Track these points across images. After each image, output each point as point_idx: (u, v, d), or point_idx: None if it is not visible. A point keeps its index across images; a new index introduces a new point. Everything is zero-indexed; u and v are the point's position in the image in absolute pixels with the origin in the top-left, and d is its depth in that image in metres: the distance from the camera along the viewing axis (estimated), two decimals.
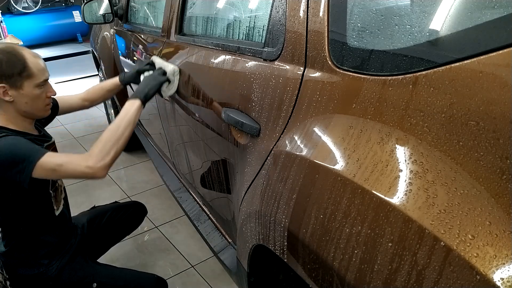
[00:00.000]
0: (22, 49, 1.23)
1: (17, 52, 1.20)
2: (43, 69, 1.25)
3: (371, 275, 0.60)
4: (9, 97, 1.20)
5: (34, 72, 1.21)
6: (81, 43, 8.54)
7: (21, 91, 1.21)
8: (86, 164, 1.16)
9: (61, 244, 1.40)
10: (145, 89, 1.33)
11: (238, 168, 1.14)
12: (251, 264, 1.07)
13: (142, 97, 1.31)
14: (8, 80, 1.18)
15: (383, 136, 0.64)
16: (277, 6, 0.93)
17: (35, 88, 1.23)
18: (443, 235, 0.51)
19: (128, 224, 1.77)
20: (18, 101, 1.22)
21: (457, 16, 0.59)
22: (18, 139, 1.17)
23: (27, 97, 1.22)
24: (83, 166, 1.16)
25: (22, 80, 1.20)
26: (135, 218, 1.80)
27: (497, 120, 0.50)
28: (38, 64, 1.23)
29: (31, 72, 1.21)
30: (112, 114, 3.09)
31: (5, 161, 1.13)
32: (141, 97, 1.31)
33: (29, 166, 1.13)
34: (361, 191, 0.62)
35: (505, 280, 0.45)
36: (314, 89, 0.81)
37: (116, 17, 2.38)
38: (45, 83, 1.26)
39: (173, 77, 1.40)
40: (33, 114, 1.29)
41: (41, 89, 1.25)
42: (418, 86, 0.60)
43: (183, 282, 1.87)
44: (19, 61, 1.19)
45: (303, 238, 0.74)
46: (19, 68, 1.19)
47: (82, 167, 1.16)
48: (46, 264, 1.35)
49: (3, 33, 4.05)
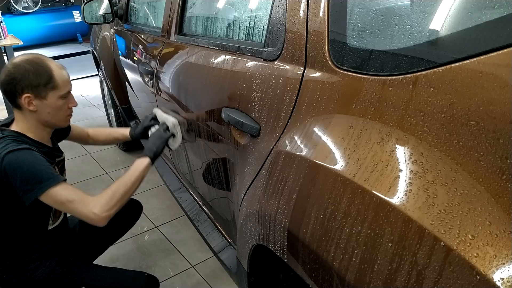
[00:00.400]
0: (49, 61, 1.26)
1: (44, 63, 1.23)
2: (67, 81, 1.28)
3: (371, 275, 0.60)
4: (33, 107, 1.23)
5: (59, 83, 1.24)
6: (81, 43, 8.53)
7: (45, 101, 1.24)
8: (92, 210, 1.20)
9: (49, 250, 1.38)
10: (153, 148, 1.42)
11: (238, 168, 1.14)
12: (251, 264, 1.07)
13: (152, 156, 1.39)
14: (34, 90, 1.21)
15: (383, 136, 0.64)
16: (277, 6, 0.93)
17: (59, 99, 1.26)
18: (443, 235, 0.51)
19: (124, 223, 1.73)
20: (41, 111, 1.25)
21: (457, 16, 0.59)
22: (37, 158, 1.20)
23: (50, 108, 1.25)
24: (89, 211, 1.20)
25: (47, 91, 1.23)
26: (130, 216, 1.77)
27: (497, 120, 0.50)
28: (63, 75, 1.27)
29: (56, 84, 1.24)
30: (112, 114, 3.09)
31: (22, 175, 1.15)
32: (151, 155, 1.39)
33: (39, 190, 1.16)
34: (361, 191, 0.62)
35: (505, 280, 0.45)
36: (314, 89, 0.81)
37: (116, 17, 2.38)
38: (68, 94, 1.30)
39: (175, 130, 1.51)
40: (54, 124, 1.32)
41: (64, 100, 1.28)
42: (418, 86, 0.60)
43: (183, 282, 1.87)
44: (46, 72, 1.22)
45: (303, 238, 0.74)
46: (45, 79, 1.22)
47: (88, 211, 1.20)
48: (32, 269, 1.33)
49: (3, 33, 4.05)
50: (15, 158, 1.16)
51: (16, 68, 1.21)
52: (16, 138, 1.23)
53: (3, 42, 3.97)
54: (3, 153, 1.16)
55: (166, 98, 1.67)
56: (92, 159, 3.13)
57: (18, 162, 1.16)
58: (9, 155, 1.16)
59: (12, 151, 1.16)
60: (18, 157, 1.16)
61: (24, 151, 1.18)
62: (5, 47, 4.07)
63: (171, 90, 1.59)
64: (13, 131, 1.26)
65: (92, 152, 3.18)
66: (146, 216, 2.37)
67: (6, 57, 4.12)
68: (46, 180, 1.17)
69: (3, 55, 4.01)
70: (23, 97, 1.21)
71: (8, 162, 1.15)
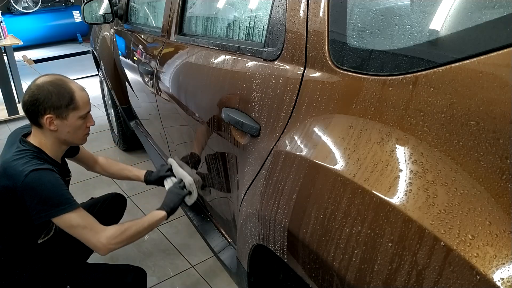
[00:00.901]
0: (70, 82, 1.31)
1: (66, 85, 1.27)
2: (87, 102, 1.33)
3: (371, 275, 0.60)
4: (54, 127, 1.27)
5: (80, 105, 1.29)
6: (81, 43, 8.53)
7: (66, 121, 1.28)
8: (100, 240, 1.25)
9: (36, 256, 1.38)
10: (170, 204, 1.49)
11: (238, 168, 1.14)
12: (251, 264, 1.07)
13: (169, 210, 1.47)
14: (56, 111, 1.25)
15: (383, 136, 0.64)
16: (277, 6, 0.93)
17: (79, 119, 1.30)
18: (443, 235, 0.51)
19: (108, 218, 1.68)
20: (61, 130, 1.29)
21: (457, 16, 0.59)
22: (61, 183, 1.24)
23: (70, 127, 1.30)
24: (97, 240, 1.25)
25: (68, 111, 1.27)
26: (114, 210, 1.78)
27: (497, 120, 0.50)
28: (84, 97, 1.31)
29: (77, 105, 1.28)
30: (112, 114, 3.08)
31: (42, 195, 1.18)
32: (168, 210, 1.47)
33: (55, 213, 1.20)
34: (361, 191, 0.62)
35: (505, 280, 0.45)
36: (314, 89, 0.81)
37: (116, 17, 2.38)
38: (88, 114, 1.34)
39: (192, 188, 1.60)
40: (71, 142, 1.37)
41: (83, 120, 1.32)
42: (418, 86, 0.60)
43: (183, 282, 1.87)
44: (68, 93, 1.26)
45: (303, 238, 0.74)
46: (67, 100, 1.26)
47: (96, 240, 1.25)
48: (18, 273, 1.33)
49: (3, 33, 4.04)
50: (38, 177, 1.19)
51: (40, 89, 1.24)
52: (37, 155, 1.26)
53: (3, 42, 3.97)
54: (28, 170, 1.18)
55: (166, 98, 1.67)
56: None
57: (41, 182, 1.19)
58: (34, 173, 1.18)
59: (37, 169, 1.19)
60: (41, 177, 1.19)
61: (48, 172, 1.21)
62: (5, 47, 4.07)
63: (171, 90, 1.59)
64: (33, 146, 1.29)
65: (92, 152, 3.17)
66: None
67: (6, 57, 4.12)
68: (64, 204, 1.21)
69: (3, 55, 4.01)
70: (45, 117, 1.24)
71: (31, 180, 1.18)
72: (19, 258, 1.35)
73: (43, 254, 1.40)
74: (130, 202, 2.44)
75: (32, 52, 7.47)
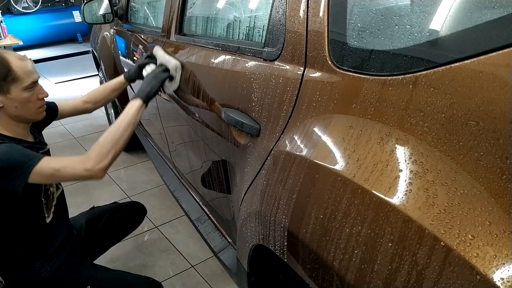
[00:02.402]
0: (6, 53, 1.20)
1: (1, 57, 1.16)
2: (29, 71, 1.20)
3: (371, 275, 0.60)
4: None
5: (20, 75, 1.17)
6: (81, 43, 8.54)
7: (9, 95, 1.17)
8: (84, 167, 1.15)
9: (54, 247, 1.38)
10: (146, 88, 1.31)
11: (238, 168, 1.14)
12: (251, 264, 1.07)
13: (144, 97, 1.29)
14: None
15: (383, 136, 0.64)
16: (277, 6, 0.93)
17: (24, 91, 1.19)
18: (443, 235, 0.51)
19: (127, 225, 1.76)
20: (7, 106, 1.19)
21: (457, 16, 0.59)
22: (11, 146, 1.15)
23: (16, 101, 1.19)
24: (82, 170, 1.15)
25: (8, 84, 1.16)
26: (135, 219, 1.79)
27: (497, 120, 0.50)
28: (24, 66, 1.19)
29: (17, 76, 1.17)
30: (112, 114, 3.09)
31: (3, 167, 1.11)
32: (143, 96, 1.29)
33: (25, 173, 1.12)
34: (361, 191, 0.62)
35: (505, 280, 0.45)
36: (314, 89, 0.81)
37: (116, 17, 2.38)
38: (34, 85, 1.23)
39: (175, 73, 1.39)
40: (25, 118, 1.26)
41: (30, 92, 1.21)
42: (418, 86, 0.60)
43: (183, 282, 1.87)
44: (2, 65, 1.15)
45: (303, 238, 0.74)
46: (3, 73, 1.15)
47: (80, 170, 1.15)
48: (39, 266, 1.33)
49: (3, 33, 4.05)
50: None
51: None
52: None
53: (3, 42, 3.98)
54: None
55: (166, 98, 1.68)
56: None
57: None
58: None
59: None
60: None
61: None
62: (5, 47, 4.08)
63: None
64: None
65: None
66: (146, 216, 2.37)
67: None
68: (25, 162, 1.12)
69: None
70: None
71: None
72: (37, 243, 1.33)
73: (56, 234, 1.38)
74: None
75: (32, 52, 7.48)
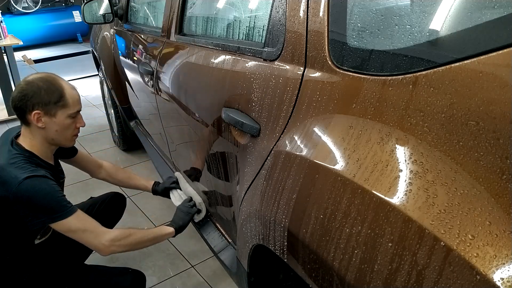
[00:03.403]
0: (61, 80, 1.30)
1: (56, 82, 1.27)
2: (77, 101, 1.31)
3: (371, 275, 0.60)
4: (41, 124, 1.25)
5: (69, 102, 1.27)
6: (81, 43, 8.53)
7: (54, 119, 1.26)
8: (102, 242, 1.25)
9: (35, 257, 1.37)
10: (179, 222, 1.52)
11: (238, 168, 1.14)
12: (251, 264, 1.07)
13: (177, 228, 1.49)
14: (44, 108, 1.23)
15: (383, 136, 0.64)
16: (277, 6, 0.93)
17: (67, 118, 1.28)
18: (443, 235, 0.51)
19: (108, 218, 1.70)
20: (48, 128, 1.27)
21: (457, 16, 0.59)
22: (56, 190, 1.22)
23: (58, 126, 1.28)
24: (98, 242, 1.25)
25: (57, 108, 1.25)
26: (115, 210, 1.77)
27: (497, 120, 0.50)
28: (74, 95, 1.30)
29: (67, 102, 1.26)
30: (112, 114, 3.08)
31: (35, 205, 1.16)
32: (176, 227, 1.49)
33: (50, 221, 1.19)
34: (361, 191, 0.62)
35: (505, 280, 0.45)
36: (314, 89, 0.81)
37: (116, 17, 2.38)
38: (77, 114, 1.32)
39: (201, 207, 1.63)
40: (59, 142, 1.34)
41: (72, 119, 1.30)
42: (418, 86, 0.60)
43: (183, 282, 1.87)
44: (57, 90, 1.25)
45: (303, 238, 0.74)
46: (56, 97, 1.24)
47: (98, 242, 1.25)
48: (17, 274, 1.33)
49: (3, 33, 4.04)
50: (32, 186, 1.17)
51: (29, 85, 1.24)
52: (29, 159, 1.24)
53: (3, 42, 3.97)
54: (21, 178, 1.16)
55: (166, 98, 1.67)
56: None
57: (35, 191, 1.17)
58: (27, 181, 1.16)
59: (30, 177, 1.17)
60: (35, 186, 1.17)
61: (41, 179, 1.19)
62: (5, 47, 4.07)
63: (171, 90, 1.59)
64: (24, 150, 1.27)
65: (93, 152, 3.18)
66: (146, 216, 2.37)
67: (6, 57, 4.12)
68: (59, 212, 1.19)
69: (3, 55, 4.01)
70: (33, 113, 1.23)
71: (24, 188, 1.16)
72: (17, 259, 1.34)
73: (41, 255, 1.39)
74: (130, 202, 2.44)
75: (32, 52, 7.47)
